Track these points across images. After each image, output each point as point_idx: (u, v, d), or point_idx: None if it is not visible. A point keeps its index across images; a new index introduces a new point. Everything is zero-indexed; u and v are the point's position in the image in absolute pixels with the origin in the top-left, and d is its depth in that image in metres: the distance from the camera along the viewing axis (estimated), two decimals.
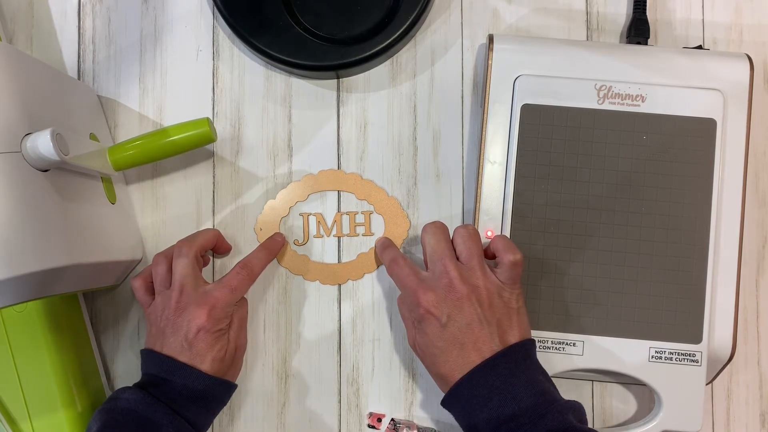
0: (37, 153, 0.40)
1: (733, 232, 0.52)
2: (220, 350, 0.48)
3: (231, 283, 0.49)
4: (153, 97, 0.58)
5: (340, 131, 0.58)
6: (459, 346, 0.46)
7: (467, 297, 0.46)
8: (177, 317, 0.48)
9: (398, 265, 0.50)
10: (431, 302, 0.46)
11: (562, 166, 0.52)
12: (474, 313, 0.46)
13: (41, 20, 0.58)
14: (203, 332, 0.47)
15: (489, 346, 0.45)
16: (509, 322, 0.47)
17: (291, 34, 0.55)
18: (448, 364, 0.46)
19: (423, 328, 0.47)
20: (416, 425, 0.55)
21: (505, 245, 0.48)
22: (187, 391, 0.46)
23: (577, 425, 0.43)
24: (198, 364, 0.47)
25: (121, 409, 0.45)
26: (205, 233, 0.53)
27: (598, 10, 0.58)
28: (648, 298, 0.52)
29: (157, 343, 0.48)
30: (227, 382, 0.49)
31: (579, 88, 0.52)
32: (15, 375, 0.50)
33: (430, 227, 0.50)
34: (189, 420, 0.47)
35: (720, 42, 0.58)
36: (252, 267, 0.51)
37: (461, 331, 0.46)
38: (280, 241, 0.55)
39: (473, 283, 0.47)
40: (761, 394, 0.57)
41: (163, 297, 0.49)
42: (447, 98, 0.57)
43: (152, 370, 0.48)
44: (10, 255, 0.38)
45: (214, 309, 0.48)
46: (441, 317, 0.46)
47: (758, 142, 0.57)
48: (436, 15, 0.58)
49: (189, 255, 0.49)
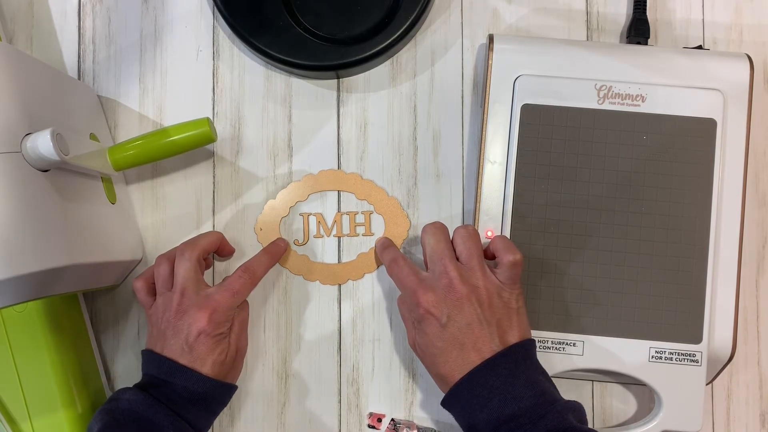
0: (37, 153, 0.40)
1: (733, 232, 0.52)
2: (221, 353, 0.48)
3: (233, 287, 0.49)
4: (153, 97, 0.58)
5: (340, 131, 0.58)
6: (459, 346, 0.46)
7: (467, 297, 0.46)
8: (178, 320, 0.48)
9: (398, 265, 0.50)
10: (431, 302, 0.46)
11: (562, 166, 0.52)
12: (474, 314, 0.46)
13: (41, 20, 0.58)
14: (204, 336, 0.47)
15: (489, 347, 0.45)
16: (509, 322, 0.47)
17: (291, 34, 0.55)
18: (448, 365, 0.46)
19: (423, 328, 0.47)
20: (416, 425, 0.55)
21: (504, 245, 0.48)
22: (187, 393, 0.47)
23: (576, 425, 0.43)
24: (198, 367, 0.47)
25: (122, 410, 0.45)
26: (208, 236, 0.53)
27: (598, 10, 0.58)
28: (648, 298, 0.52)
29: (158, 344, 0.48)
30: (228, 384, 0.49)
31: (579, 88, 0.52)
32: (15, 375, 0.50)
33: (430, 227, 0.50)
34: (189, 421, 0.47)
35: (720, 42, 0.58)
36: (254, 271, 0.51)
37: (461, 331, 0.46)
38: (283, 246, 0.55)
39: (473, 284, 0.47)
40: (761, 394, 0.57)
41: (165, 299, 0.49)
42: (447, 98, 0.57)
43: (153, 371, 0.48)
44: (10, 255, 0.38)
45: (215, 313, 0.48)
46: (441, 317, 0.46)
47: (758, 142, 0.57)
48: (436, 15, 0.58)
49: (191, 258, 0.49)
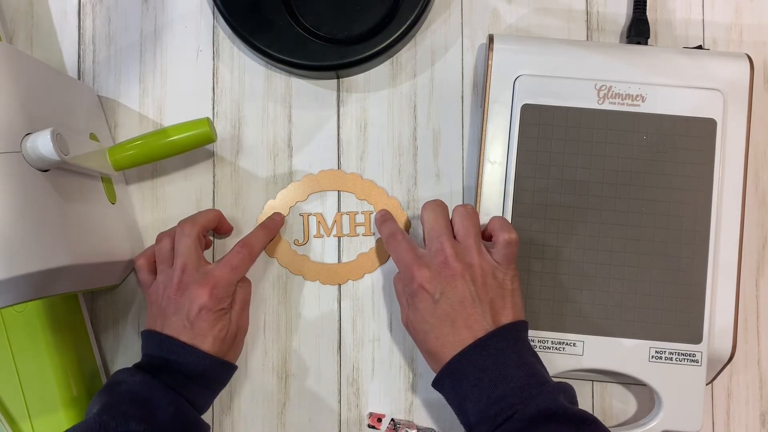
0: (37, 153, 0.40)
1: (733, 232, 0.52)
2: (222, 330, 0.48)
3: (231, 262, 0.50)
4: (153, 97, 0.58)
5: (340, 131, 0.58)
6: (450, 322, 0.45)
7: (461, 274, 0.46)
8: (179, 297, 0.48)
9: (396, 240, 0.50)
10: (425, 278, 0.46)
11: (562, 166, 0.52)
12: (467, 291, 0.46)
13: (41, 20, 0.58)
14: (205, 311, 0.47)
15: (481, 325, 0.45)
16: (502, 302, 0.47)
17: (291, 34, 0.55)
18: (439, 341, 0.46)
19: (415, 304, 0.47)
20: (416, 425, 0.55)
21: (501, 224, 0.49)
22: (187, 370, 0.47)
23: (567, 406, 0.42)
24: (199, 343, 0.47)
25: (121, 391, 0.45)
26: (207, 213, 0.53)
27: (598, 10, 0.58)
28: (648, 298, 0.52)
29: (158, 322, 0.48)
30: (227, 363, 0.49)
31: (579, 88, 0.52)
32: (15, 375, 0.50)
33: (430, 204, 0.50)
34: (189, 399, 0.47)
35: (720, 42, 0.58)
36: (252, 246, 0.52)
37: (453, 307, 0.46)
38: (279, 220, 0.56)
39: (468, 261, 0.47)
40: (761, 394, 0.57)
41: (166, 276, 0.49)
42: (447, 98, 0.57)
43: (152, 350, 0.48)
44: (10, 255, 0.38)
45: (216, 288, 0.48)
46: (434, 293, 0.46)
47: (758, 142, 0.57)
48: (436, 15, 0.58)
49: (192, 234, 0.50)
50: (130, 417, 0.43)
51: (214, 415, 0.56)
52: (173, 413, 0.44)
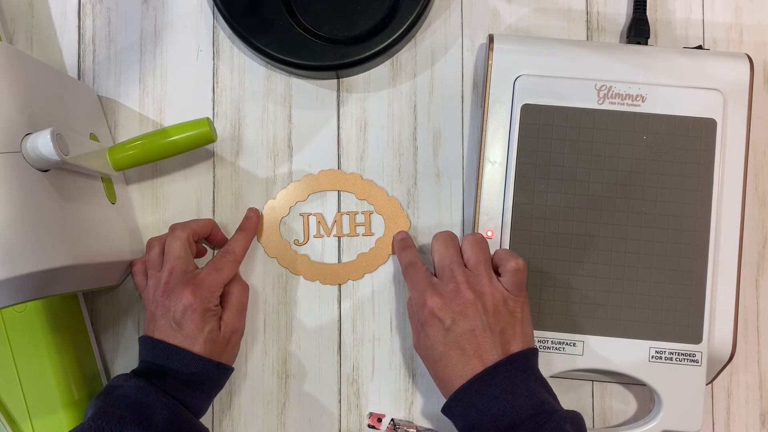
0: (37, 153, 0.40)
1: (733, 232, 0.52)
2: (212, 332, 0.48)
3: (216, 265, 0.50)
4: (153, 97, 0.58)
5: (340, 131, 0.58)
6: (460, 350, 0.46)
7: (473, 303, 0.46)
8: (165, 299, 0.48)
9: (415, 269, 0.51)
10: (437, 305, 0.47)
11: (562, 166, 0.52)
12: (478, 320, 0.46)
13: (41, 20, 0.58)
14: (190, 311, 0.47)
15: (491, 354, 0.45)
16: (513, 331, 0.47)
17: (291, 34, 0.55)
18: (448, 369, 0.46)
19: (426, 331, 0.47)
20: (416, 425, 0.55)
21: (507, 253, 0.49)
22: (180, 373, 0.47)
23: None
24: (189, 346, 0.47)
25: (115, 396, 0.45)
26: (200, 220, 0.54)
27: (598, 10, 0.58)
28: (648, 298, 0.52)
29: (150, 327, 0.49)
30: (222, 365, 0.49)
31: (579, 88, 0.52)
32: (15, 375, 0.50)
33: (440, 235, 0.51)
34: (184, 403, 0.47)
35: (720, 42, 0.58)
36: (234, 251, 0.52)
37: (464, 336, 0.46)
38: (254, 216, 0.56)
39: (479, 290, 0.47)
40: (761, 394, 0.57)
41: (155, 279, 0.50)
42: (447, 98, 0.57)
43: (147, 356, 0.48)
44: (10, 255, 0.38)
45: (200, 287, 0.48)
46: (445, 320, 0.46)
47: (758, 142, 0.57)
48: (436, 15, 0.58)
49: (181, 236, 0.50)
50: (125, 421, 0.43)
51: (213, 415, 0.56)
52: (168, 417, 0.44)
